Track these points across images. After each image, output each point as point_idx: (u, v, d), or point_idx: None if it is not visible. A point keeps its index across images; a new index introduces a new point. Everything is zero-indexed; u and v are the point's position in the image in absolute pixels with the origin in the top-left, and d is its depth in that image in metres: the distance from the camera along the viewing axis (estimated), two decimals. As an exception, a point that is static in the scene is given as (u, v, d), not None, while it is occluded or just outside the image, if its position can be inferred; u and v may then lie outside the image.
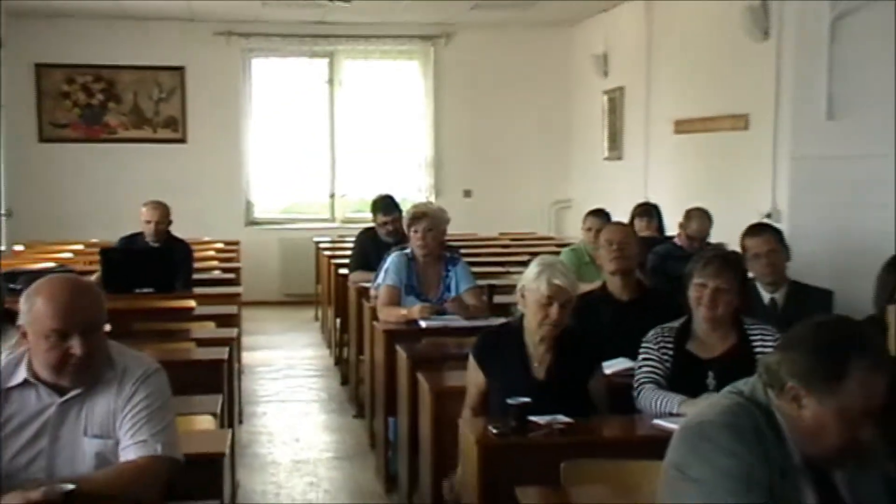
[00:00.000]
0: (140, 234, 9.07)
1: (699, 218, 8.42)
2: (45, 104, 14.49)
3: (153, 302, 7.96)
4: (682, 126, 11.34)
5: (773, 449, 2.83)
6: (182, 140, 14.83)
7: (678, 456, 2.93)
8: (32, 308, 3.43)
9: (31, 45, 13.80)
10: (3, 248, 10.87)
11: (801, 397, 2.81)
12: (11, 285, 4.98)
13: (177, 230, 9.20)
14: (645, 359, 4.79)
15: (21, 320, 3.48)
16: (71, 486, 3.21)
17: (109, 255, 8.70)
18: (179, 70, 14.77)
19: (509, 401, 4.34)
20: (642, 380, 4.73)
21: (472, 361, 4.83)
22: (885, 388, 2.78)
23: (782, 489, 2.81)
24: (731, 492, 2.75)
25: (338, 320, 10.33)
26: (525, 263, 5.28)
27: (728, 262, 4.92)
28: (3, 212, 11.49)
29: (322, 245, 12.74)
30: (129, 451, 3.44)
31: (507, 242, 12.59)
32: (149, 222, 8.97)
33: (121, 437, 3.47)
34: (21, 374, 3.49)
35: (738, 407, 2.92)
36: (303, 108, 15.50)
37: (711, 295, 4.70)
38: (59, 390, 3.48)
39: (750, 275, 6.05)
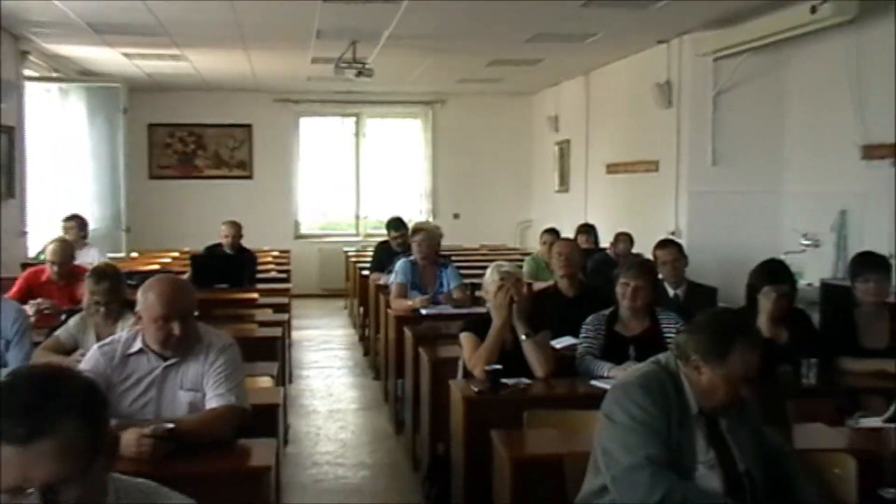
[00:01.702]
0: (219, 245, 9.08)
1: (624, 241, 8.56)
2: (154, 152, 14.53)
3: (228, 294, 7.96)
4: (612, 168, 11.36)
5: (674, 404, 2.88)
6: (249, 177, 14.82)
7: (607, 405, 2.97)
8: (146, 300, 3.45)
9: (145, 111, 13.78)
10: (123, 254, 10.85)
11: (700, 367, 2.87)
12: (129, 282, 4.99)
13: (245, 242, 9.20)
14: (584, 337, 4.78)
15: (138, 308, 3.50)
16: (172, 425, 3.23)
17: (197, 260, 8.71)
18: (248, 127, 14.77)
19: (486, 368, 4.35)
20: (582, 352, 4.73)
21: (470, 335, 4.67)
22: (758, 361, 2.85)
23: (680, 433, 2.86)
24: (636, 432, 2.82)
25: (361, 308, 10.28)
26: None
27: (644, 267, 4.94)
28: (124, 228, 11.49)
29: (349, 253, 12.72)
30: (212, 401, 3.44)
31: (486, 252, 12.53)
32: (226, 236, 8.98)
33: (206, 391, 3.47)
34: (137, 345, 3.50)
35: (652, 373, 2.98)
36: (336, 153, 15.45)
37: (633, 291, 4.70)
38: (163, 357, 3.49)
39: (659, 276, 6.08)
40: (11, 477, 1.66)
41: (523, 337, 4.59)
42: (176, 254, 11.45)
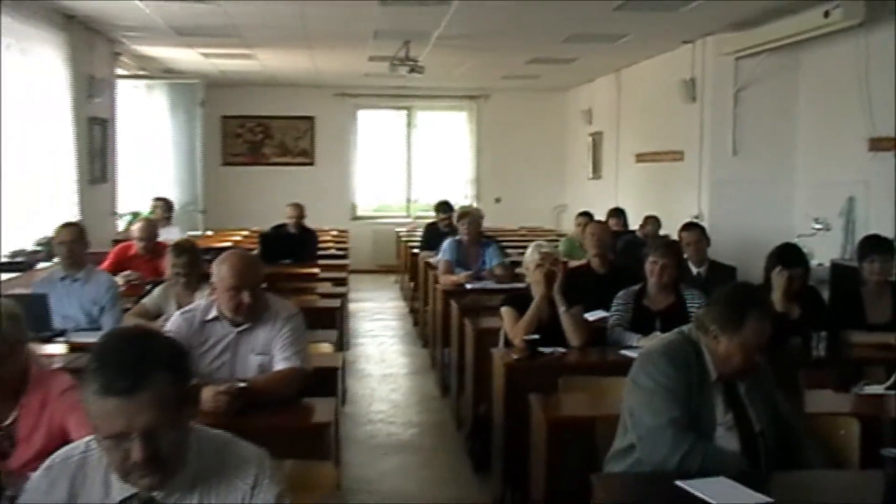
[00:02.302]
0: (284, 224, 9.14)
1: (652, 224, 8.47)
2: (226, 141, 14.63)
3: (292, 269, 8.04)
4: (641, 157, 11.24)
5: (695, 371, 2.88)
6: (312, 164, 14.85)
7: (634, 372, 2.97)
8: (220, 272, 3.50)
9: (219, 104, 13.85)
10: (200, 232, 11.01)
11: (718, 336, 2.86)
12: (206, 256, 5.07)
13: (307, 222, 9.26)
14: (615, 310, 4.77)
15: (213, 279, 3.57)
16: (244, 384, 3.30)
17: (265, 238, 8.81)
18: (311, 118, 14.81)
19: (525, 337, 4.36)
20: (613, 324, 4.73)
21: (510, 308, 4.67)
22: (770, 330, 2.84)
23: (700, 396, 2.86)
24: (660, 397, 2.82)
25: (411, 283, 10.32)
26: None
27: (670, 247, 4.93)
28: (200, 210, 11.66)
29: (401, 233, 12.76)
30: (279, 364, 3.50)
31: (525, 233, 12.51)
32: (290, 217, 9.05)
33: (274, 354, 3.52)
34: (213, 313, 3.56)
35: (675, 342, 2.97)
36: (390, 143, 15.44)
37: (660, 269, 4.68)
38: (236, 323, 3.54)
39: (684, 256, 6.04)
40: (118, 425, 1.76)
41: (563, 309, 4.59)
42: (246, 232, 11.58)
